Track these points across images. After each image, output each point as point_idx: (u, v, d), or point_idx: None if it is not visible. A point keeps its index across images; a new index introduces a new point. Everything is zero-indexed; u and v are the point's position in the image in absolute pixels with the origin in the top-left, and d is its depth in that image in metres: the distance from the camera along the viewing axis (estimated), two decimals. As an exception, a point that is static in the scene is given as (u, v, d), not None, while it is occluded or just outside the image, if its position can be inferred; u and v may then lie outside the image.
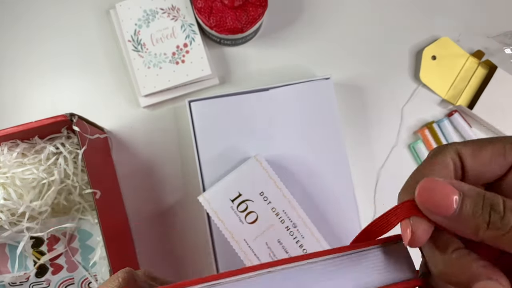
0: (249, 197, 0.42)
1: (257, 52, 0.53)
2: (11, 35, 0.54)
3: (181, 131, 0.52)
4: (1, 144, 0.44)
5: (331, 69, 0.53)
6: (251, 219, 0.42)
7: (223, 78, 0.53)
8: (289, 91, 0.48)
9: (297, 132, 0.47)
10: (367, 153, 0.52)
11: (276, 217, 0.42)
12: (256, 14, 0.48)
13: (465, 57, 0.52)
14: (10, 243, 0.46)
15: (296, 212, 0.42)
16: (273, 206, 0.42)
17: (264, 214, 0.42)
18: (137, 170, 0.51)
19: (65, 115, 0.39)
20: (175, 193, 0.51)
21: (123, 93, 0.53)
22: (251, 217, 0.42)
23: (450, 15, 0.54)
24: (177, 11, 0.51)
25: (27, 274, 0.45)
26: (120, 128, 0.52)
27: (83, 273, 0.46)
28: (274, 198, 0.42)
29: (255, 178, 0.43)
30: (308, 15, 0.54)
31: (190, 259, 0.51)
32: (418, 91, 0.53)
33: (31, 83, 0.53)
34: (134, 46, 0.51)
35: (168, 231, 0.51)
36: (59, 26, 0.54)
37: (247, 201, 0.42)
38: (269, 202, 0.42)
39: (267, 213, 0.42)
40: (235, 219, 0.42)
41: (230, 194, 0.43)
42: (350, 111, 0.52)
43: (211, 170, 0.47)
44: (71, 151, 0.44)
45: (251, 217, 0.42)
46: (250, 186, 0.42)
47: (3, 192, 0.43)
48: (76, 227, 0.46)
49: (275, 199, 0.42)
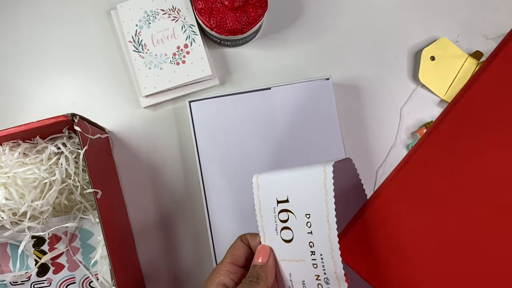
0: (294, 210, 0.32)
1: (257, 52, 0.54)
2: (13, 36, 0.54)
3: (181, 131, 0.52)
4: (3, 144, 0.44)
5: (330, 69, 0.53)
6: (286, 236, 0.33)
7: (223, 79, 0.53)
8: (289, 91, 0.48)
9: (296, 132, 0.48)
10: (366, 153, 0.52)
11: (309, 255, 0.31)
12: (256, 15, 0.49)
13: (463, 57, 0.52)
14: (12, 243, 0.46)
15: (334, 266, 0.30)
16: (312, 240, 0.31)
17: (300, 241, 0.32)
18: (137, 170, 0.52)
19: (66, 115, 0.39)
20: (176, 192, 0.51)
21: (124, 93, 0.53)
22: (286, 234, 0.33)
23: (449, 15, 0.54)
24: (178, 12, 0.52)
25: (29, 273, 0.46)
26: (121, 128, 0.52)
27: (84, 272, 0.46)
28: (318, 232, 0.31)
29: (309, 193, 0.31)
30: (307, 16, 0.54)
31: (190, 258, 0.51)
32: (417, 91, 0.53)
33: (33, 83, 0.53)
34: (135, 47, 0.51)
35: (168, 230, 0.51)
36: (60, 27, 0.54)
37: (290, 213, 0.32)
38: (310, 233, 0.31)
39: (303, 243, 0.32)
40: (272, 224, 0.33)
41: (279, 193, 0.33)
42: (349, 111, 0.53)
43: (211, 170, 0.47)
44: (72, 151, 0.44)
45: (286, 234, 0.33)
46: (301, 198, 0.32)
47: (4, 191, 0.43)
48: (77, 227, 0.46)
49: (319, 234, 0.31)
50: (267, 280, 0.31)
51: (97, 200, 0.40)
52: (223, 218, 0.47)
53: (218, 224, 0.47)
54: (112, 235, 0.41)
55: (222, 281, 0.33)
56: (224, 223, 0.47)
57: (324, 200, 0.30)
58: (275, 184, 0.33)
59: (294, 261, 0.32)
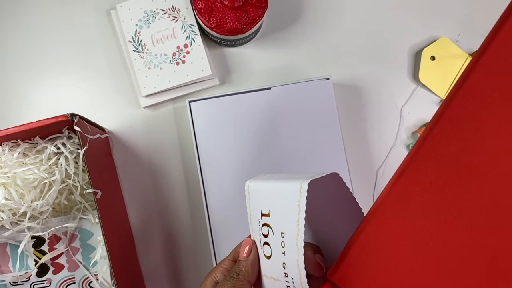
0: (273, 226, 0.29)
1: (257, 52, 0.54)
2: (13, 36, 0.54)
3: (181, 131, 0.52)
4: (3, 144, 0.44)
5: (331, 69, 0.53)
6: (266, 252, 0.30)
7: (223, 79, 0.53)
8: (289, 91, 0.48)
9: (296, 131, 0.48)
10: (366, 153, 0.52)
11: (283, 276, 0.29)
12: (256, 15, 0.49)
13: (464, 57, 0.52)
14: (12, 243, 0.46)
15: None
16: (285, 261, 0.29)
17: (276, 260, 0.30)
18: (137, 170, 0.52)
19: (66, 115, 0.39)
20: (176, 192, 0.51)
21: (124, 93, 0.53)
22: (266, 250, 0.30)
23: (449, 15, 0.54)
24: (178, 12, 0.51)
25: (28, 273, 0.46)
26: (120, 128, 0.52)
27: (84, 272, 0.46)
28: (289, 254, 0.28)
29: (285, 211, 0.28)
30: (307, 16, 0.54)
31: (190, 258, 0.51)
32: (417, 91, 0.53)
33: (32, 83, 0.53)
34: (134, 47, 0.51)
35: (168, 230, 0.51)
36: (60, 26, 0.54)
37: (270, 229, 0.30)
38: (283, 253, 0.29)
39: (278, 263, 0.29)
40: (257, 236, 0.31)
41: (263, 205, 0.30)
42: (349, 111, 0.53)
43: (211, 170, 0.47)
44: (72, 151, 0.44)
45: (266, 250, 0.30)
46: (279, 214, 0.29)
47: (4, 192, 0.43)
48: (77, 227, 0.46)
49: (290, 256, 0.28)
50: (247, 275, 0.30)
51: (97, 200, 0.40)
52: (223, 218, 0.47)
53: (218, 224, 0.47)
54: (112, 235, 0.41)
55: (217, 278, 0.32)
56: (224, 223, 0.47)
57: (296, 221, 0.27)
58: (260, 195, 0.31)
59: (272, 279, 0.30)
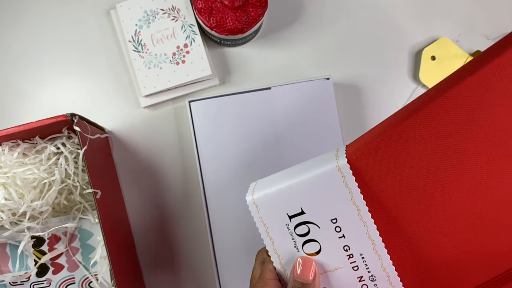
0: (315, 220, 0.30)
1: (257, 52, 0.54)
2: (13, 36, 0.54)
3: (181, 131, 0.52)
4: (2, 144, 0.44)
5: (331, 69, 0.53)
6: (311, 249, 0.30)
7: (223, 79, 0.53)
8: (289, 91, 0.48)
9: (296, 131, 0.48)
10: (367, 153, 0.52)
11: (347, 259, 0.30)
12: (256, 14, 0.49)
13: (464, 57, 0.52)
14: (11, 243, 0.46)
15: (381, 261, 0.29)
16: (347, 243, 0.30)
17: (331, 249, 0.30)
18: (137, 170, 0.52)
19: (66, 115, 0.39)
20: (176, 192, 0.51)
21: (124, 93, 0.53)
22: (311, 247, 0.30)
23: (450, 15, 0.54)
24: (178, 11, 0.51)
25: (28, 273, 0.46)
26: (120, 128, 0.52)
27: (83, 272, 0.46)
28: (351, 233, 0.29)
29: (330, 197, 0.29)
30: (308, 16, 0.54)
31: (190, 259, 0.51)
32: (418, 91, 0.53)
33: (32, 83, 0.53)
34: (134, 47, 0.51)
35: (168, 231, 0.51)
36: (59, 26, 0.54)
37: (310, 225, 0.30)
38: (342, 236, 0.30)
39: (336, 250, 0.30)
40: (288, 242, 0.31)
41: (289, 207, 0.30)
42: (350, 111, 0.53)
43: (211, 170, 0.47)
44: (72, 151, 0.44)
45: (311, 247, 0.30)
46: (320, 205, 0.29)
47: (4, 192, 0.43)
48: (76, 227, 0.46)
49: (353, 234, 0.29)
50: None
51: (96, 200, 0.40)
52: (223, 218, 0.47)
53: (218, 224, 0.47)
54: (111, 235, 0.41)
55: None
56: (224, 223, 0.47)
57: (350, 199, 0.28)
58: (279, 200, 0.30)
59: (328, 272, 0.30)
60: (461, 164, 0.26)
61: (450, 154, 0.26)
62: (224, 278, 0.46)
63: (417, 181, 0.27)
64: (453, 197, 0.27)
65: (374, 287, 0.30)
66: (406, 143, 0.27)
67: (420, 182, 0.27)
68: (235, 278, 0.46)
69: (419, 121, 0.26)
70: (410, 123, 0.26)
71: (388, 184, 0.28)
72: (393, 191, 0.28)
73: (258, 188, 0.31)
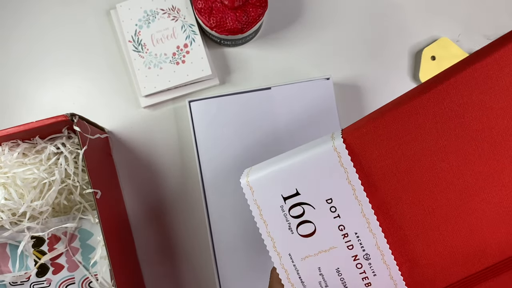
0: (310, 201, 0.30)
1: (257, 52, 0.54)
2: (13, 36, 0.54)
3: (181, 131, 0.52)
4: (2, 144, 0.44)
5: (331, 69, 0.53)
6: (306, 231, 0.31)
7: (223, 79, 0.53)
8: (289, 91, 0.48)
9: (297, 131, 0.48)
10: (367, 153, 0.52)
11: (341, 239, 0.30)
12: (256, 14, 0.49)
13: (464, 57, 0.52)
14: (11, 243, 0.46)
15: (375, 239, 0.30)
16: (342, 223, 0.30)
17: (326, 229, 0.30)
18: (137, 170, 0.52)
19: (65, 115, 0.39)
20: (175, 192, 0.51)
21: (124, 93, 0.53)
22: (305, 228, 0.31)
23: (450, 15, 0.54)
24: (178, 11, 0.51)
25: (28, 273, 0.46)
26: (120, 128, 0.52)
27: (83, 272, 0.46)
28: (346, 212, 0.30)
29: (325, 177, 0.29)
30: (308, 16, 0.54)
31: (190, 259, 0.51)
32: (418, 91, 0.53)
33: (32, 83, 0.53)
34: (134, 47, 0.51)
35: (168, 231, 0.51)
36: (59, 26, 0.54)
37: (305, 206, 0.30)
38: (337, 216, 0.30)
39: (331, 230, 0.30)
40: (282, 224, 0.31)
41: (283, 188, 0.30)
42: (350, 111, 0.53)
43: (211, 170, 0.47)
44: (72, 151, 0.44)
45: (305, 228, 0.31)
46: (315, 185, 0.30)
47: (4, 192, 0.43)
48: (76, 227, 0.46)
49: (348, 214, 0.30)
50: None
51: (96, 200, 0.40)
52: (223, 218, 0.47)
53: (218, 224, 0.47)
54: (111, 236, 0.41)
55: None
56: (224, 223, 0.47)
57: (346, 178, 0.29)
58: (274, 181, 0.30)
59: (322, 252, 0.31)
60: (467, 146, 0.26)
61: (458, 136, 0.26)
62: (224, 277, 0.46)
63: (419, 162, 0.27)
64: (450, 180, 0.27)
65: (368, 265, 0.30)
66: (413, 121, 0.27)
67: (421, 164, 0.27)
68: (235, 275, 0.46)
69: (431, 98, 0.26)
70: (423, 100, 0.26)
71: (386, 165, 0.28)
72: (390, 172, 0.28)
73: (253, 171, 0.31)
